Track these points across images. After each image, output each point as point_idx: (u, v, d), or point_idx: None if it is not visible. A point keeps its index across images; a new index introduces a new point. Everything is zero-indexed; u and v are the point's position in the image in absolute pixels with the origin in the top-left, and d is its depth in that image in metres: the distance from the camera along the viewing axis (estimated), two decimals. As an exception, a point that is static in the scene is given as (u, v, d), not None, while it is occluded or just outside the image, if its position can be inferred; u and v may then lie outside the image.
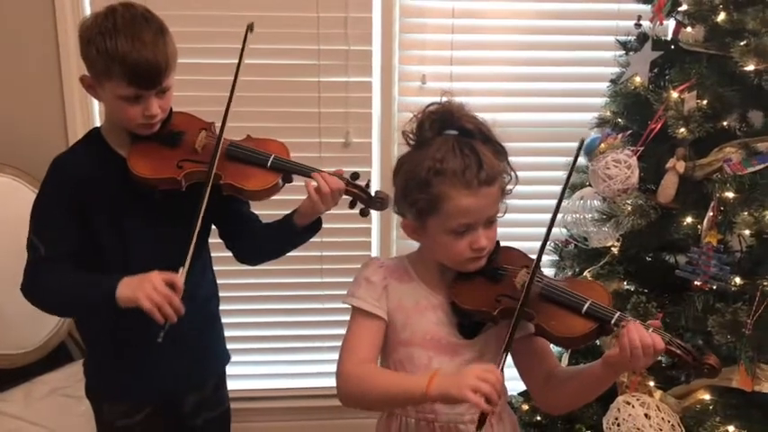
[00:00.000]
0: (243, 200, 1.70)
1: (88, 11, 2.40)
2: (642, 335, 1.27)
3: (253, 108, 2.46)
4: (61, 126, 2.48)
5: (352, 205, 1.67)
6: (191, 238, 1.53)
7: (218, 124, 1.64)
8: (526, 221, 2.39)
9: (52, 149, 1.67)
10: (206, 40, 2.37)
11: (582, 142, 1.41)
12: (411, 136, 1.44)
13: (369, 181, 1.68)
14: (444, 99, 1.44)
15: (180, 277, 1.50)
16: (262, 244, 1.77)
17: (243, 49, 1.64)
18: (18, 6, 2.40)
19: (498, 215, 1.44)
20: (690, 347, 1.29)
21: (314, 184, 1.59)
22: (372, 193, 1.65)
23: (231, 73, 1.66)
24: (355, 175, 1.66)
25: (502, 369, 1.32)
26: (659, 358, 1.52)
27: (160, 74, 1.51)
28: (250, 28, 1.65)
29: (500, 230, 1.45)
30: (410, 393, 1.33)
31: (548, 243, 1.40)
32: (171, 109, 1.63)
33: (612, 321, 1.31)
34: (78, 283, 1.57)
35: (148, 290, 1.46)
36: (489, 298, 1.40)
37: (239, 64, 1.64)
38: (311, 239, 1.76)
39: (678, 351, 1.28)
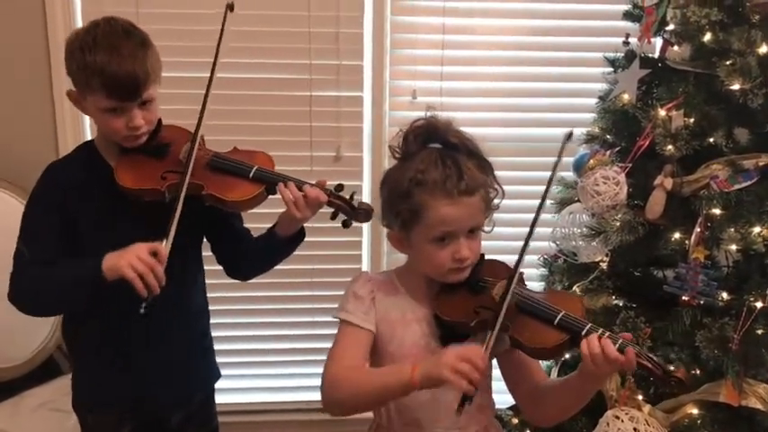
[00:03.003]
0: (228, 211, 1.69)
1: (80, 25, 2.41)
2: (604, 343, 1.28)
3: (244, 122, 2.47)
4: (52, 139, 2.48)
5: (333, 216, 1.66)
6: (172, 217, 1.52)
7: (202, 134, 1.64)
8: (515, 235, 2.40)
9: (43, 163, 1.68)
10: (195, 54, 2.38)
11: (568, 135, 1.40)
12: (397, 150, 1.47)
13: (353, 193, 1.66)
14: (430, 114, 1.46)
15: (163, 248, 1.48)
16: (250, 258, 1.77)
17: (222, 30, 1.64)
18: (9, 21, 2.40)
19: (486, 229, 1.46)
20: (659, 360, 1.29)
21: (288, 193, 1.58)
22: (356, 205, 1.63)
23: (221, 87, 1.67)
24: (339, 187, 1.65)
25: (486, 348, 1.31)
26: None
27: (139, 86, 1.52)
28: (230, 7, 1.65)
29: (487, 243, 1.46)
30: (397, 383, 1.32)
31: (527, 249, 1.40)
32: (161, 122, 1.64)
33: (583, 333, 1.32)
34: (63, 268, 1.56)
35: (131, 258, 1.44)
36: (468, 309, 1.41)
37: (219, 45, 1.63)
38: (302, 253, 1.76)
39: (646, 363, 1.29)
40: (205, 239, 1.80)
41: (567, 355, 2.03)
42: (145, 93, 1.54)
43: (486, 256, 1.49)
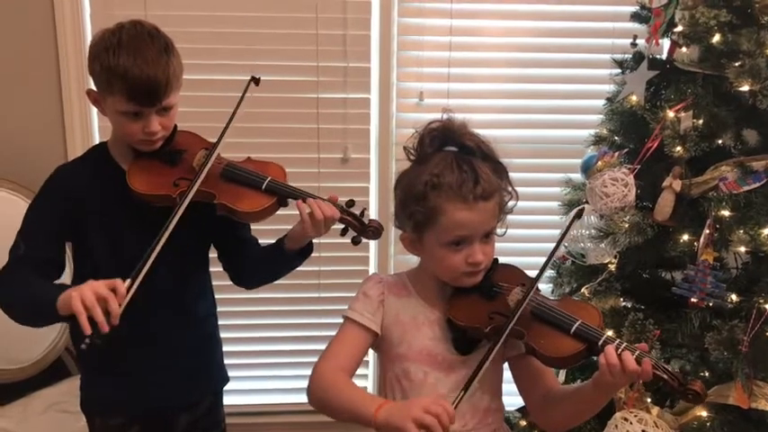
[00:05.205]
0: (237, 221, 1.68)
1: (88, 27, 2.42)
2: (623, 355, 1.27)
3: (252, 124, 2.47)
4: (60, 140, 2.49)
5: (343, 233, 1.65)
6: (152, 248, 1.48)
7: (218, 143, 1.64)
8: (521, 237, 2.41)
9: (51, 164, 1.68)
10: (204, 56, 2.39)
11: (578, 213, 1.41)
12: (412, 152, 1.47)
13: (364, 209, 1.65)
14: (446, 116, 1.46)
15: (122, 285, 1.41)
16: (256, 268, 1.77)
17: (242, 98, 1.65)
18: (18, 22, 2.41)
19: (499, 232, 1.46)
20: (676, 372, 1.28)
21: (307, 209, 1.58)
22: (366, 222, 1.63)
23: (228, 89, 1.67)
24: (351, 203, 1.64)
25: (456, 405, 1.30)
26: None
27: (160, 92, 1.51)
28: (255, 81, 1.65)
29: (497, 244, 1.46)
30: (360, 414, 1.35)
31: (545, 271, 1.41)
32: (176, 127, 1.64)
33: (600, 343, 1.31)
34: (33, 288, 1.53)
35: (84, 290, 1.38)
36: (482, 315, 1.40)
37: (236, 109, 1.64)
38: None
39: (663, 375, 1.27)
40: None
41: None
42: (165, 99, 1.53)
43: (499, 260, 1.48)
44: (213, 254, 1.80)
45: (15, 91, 2.45)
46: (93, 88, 1.58)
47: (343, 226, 1.64)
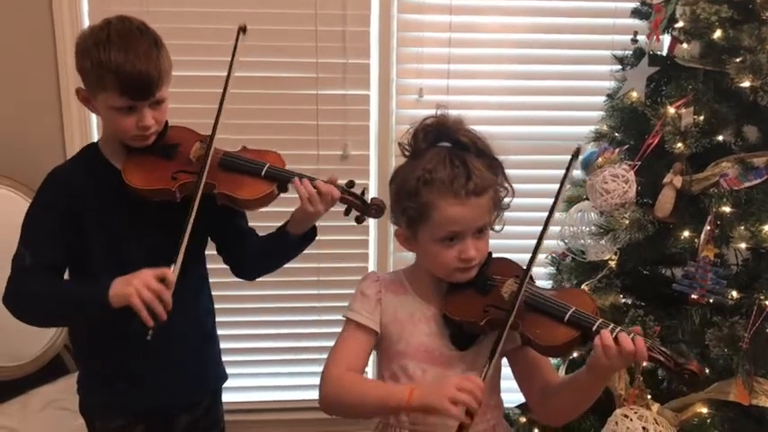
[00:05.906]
0: (238, 211, 1.69)
1: (87, 24, 2.40)
2: (620, 337, 1.27)
3: (251, 120, 2.47)
4: (59, 138, 2.48)
5: (347, 212, 1.67)
6: (182, 238, 1.52)
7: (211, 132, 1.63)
8: (520, 234, 2.39)
9: (49, 162, 1.68)
10: (203, 52, 2.38)
11: (575, 152, 1.42)
12: (407, 147, 1.47)
13: (365, 189, 1.67)
14: (440, 112, 1.46)
15: (171, 273, 1.48)
16: (258, 257, 1.77)
17: (235, 51, 1.64)
18: (16, 20, 2.41)
19: (496, 228, 1.46)
20: (671, 353, 1.28)
21: (302, 188, 1.59)
22: (368, 201, 1.65)
23: (233, 86, 1.66)
24: (351, 183, 1.66)
25: (485, 378, 1.33)
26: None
27: (152, 85, 1.51)
28: (242, 30, 1.65)
29: (494, 242, 1.46)
30: (391, 402, 1.37)
31: (537, 255, 1.40)
32: (167, 122, 1.63)
33: (594, 328, 1.31)
34: (67, 287, 1.57)
35: (139, 286, 1.44)
36: (477, 308, 1.41)
37: (231, 64, 1.63)
38: (309, 252, 1.76)
39: (659, 356, 1.27)
40: (210, 241, 1.79)
41: (575, 353, 2.02)
42: (158, 93, 1.53)
43: (494, 255, 1.48)
44: (211, 252, 1.80)
45: (13, 87, 2.44)
46: (82, 87, 1.57)
47: (345, 206, 1.65)
